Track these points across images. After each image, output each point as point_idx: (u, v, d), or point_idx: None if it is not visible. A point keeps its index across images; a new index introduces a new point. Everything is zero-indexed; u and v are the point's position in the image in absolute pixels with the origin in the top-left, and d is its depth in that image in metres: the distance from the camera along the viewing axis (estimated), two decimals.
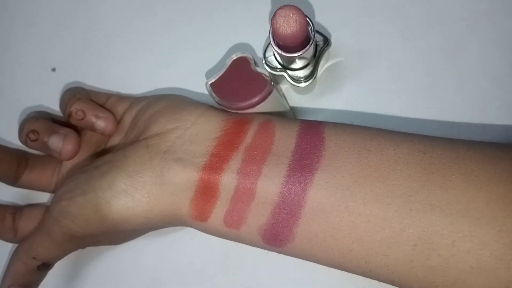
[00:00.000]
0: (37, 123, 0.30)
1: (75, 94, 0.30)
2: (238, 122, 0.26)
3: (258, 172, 0.24)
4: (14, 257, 0.27)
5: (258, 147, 0.25)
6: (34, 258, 0.27)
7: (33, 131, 0.29)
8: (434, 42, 0.31)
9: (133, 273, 0.33)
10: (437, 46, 0.31)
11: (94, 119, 0.29)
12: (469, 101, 0.30)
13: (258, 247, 0.25)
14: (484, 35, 0.31)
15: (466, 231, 0.20)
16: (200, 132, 0.26)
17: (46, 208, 0.30)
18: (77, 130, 0.31)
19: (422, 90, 0.31)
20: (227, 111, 0.27)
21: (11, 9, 0.37)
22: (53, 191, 0.32)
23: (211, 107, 0.28)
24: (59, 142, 0.29)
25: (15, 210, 0.31)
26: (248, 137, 0.25)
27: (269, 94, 0.26)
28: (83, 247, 0.29)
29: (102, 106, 0.31)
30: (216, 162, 0.24)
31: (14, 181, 0.31)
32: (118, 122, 0.31)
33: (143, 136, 0.27)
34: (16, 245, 0.28)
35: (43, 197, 0.34)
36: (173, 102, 0.28)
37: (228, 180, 0.24)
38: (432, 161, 0.22)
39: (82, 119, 0.29)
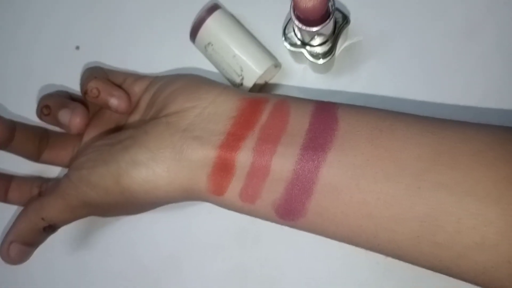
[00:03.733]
0: (50, 99, 0.31)
1: (92, 73, 0.32)
2: (255, 102, 0.27)
3: (273, 150, 0.25)
4: (22, 215, 0.28)
5: (273, 126, 0.26)
6: (43, 218, 0.27)
7: (46, 106, 0.31)
8: (453, 23, 0.32)
9: (151, 245, 0.35)
10: (456, 27, 0.32)
11: (108, 97, 0.31)
12: (487, 83, 0.31)
13: (271, 221, 0.27)
14: (503, 17, 0.31)
15: (472, 209, 0.22)
16: (218, 111, 0.27)
17: None
18: (88, 107, 0.32)
19: (439, 71, 0.32)
20: (243, 91, 0.29)
21: None
22: None
23: (228, 86, 0.29)
24: (67, 116, 0.30)
25: (41, 183, 0.33)
26: (264, 116, 0.26)
27: None
28: (96, 215, 0.30)
29: (120, 85, 0.33)
30: (232, 140, 0.26)
31: (36, 158, 0.33)
32: (136, 101, 0.32)
33: (162, 114, 0.28)
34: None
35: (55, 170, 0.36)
36: (190, 81, 0.30)
37: (244, 157, 0.25)
38: (442, 142, 0.23)
39: (97, 97, 0.31)
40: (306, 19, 0.26)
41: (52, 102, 0.31)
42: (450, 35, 0.32)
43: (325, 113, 0.26)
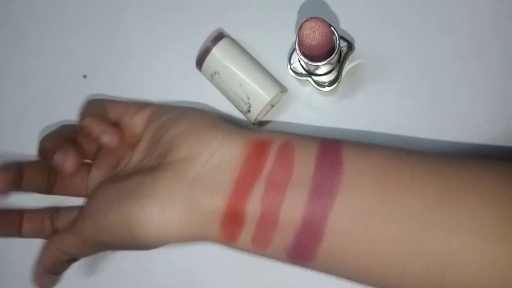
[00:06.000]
0: (46, 141, 0.31)
1: (88, 108, 0.32)
2: (259, 145, 0.28)
3: (281, 198, 0.26)
4: (45, 251, 0.31)
5: (279, 172, 0.26)
6: (65, 253, 0.30)
7: (43, 151, 0.31)
8: (456, 44, 0.32)
9: (167, 270, 0.36)
10: (459, 48, 0.32)
11: (100, 134, 0.31)
12: (492, 103, 0.32)
13: (284, 262, 0.28)
14: (507, 36, 0.31)
15: (478, 248, 0.23)
16: (225, 158, 0.28)
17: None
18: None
19: (443, 91, 0.32)
20: (247, 132, 0.29)
21: (41, 20, 0.39)
22: (84, 196, 0.35)
23: (232, 129, 0.29)
24: (60, 160, 0.30)
25: (52, 213, 0.34)
26: (269, 161, 0.27)
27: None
28: (114, 250, 0.33)
29: (121, 116, 0.33)
30: (241, 189, 0.26)
31: (48, 191, 0.34)
32: (140, 132, 0.32)
33: (168, 159, 0.28)
34: None
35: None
36: (195, 122, 0.30)
37: (253, 206, 0.26)
38: (447, 181, 0.24)
39: (91, 134, 0.31)
40: (312, 55, 0.27)
41: (48, 145, 0.31)
42: (453, 55, 0.32)
43: (330, 156, 0.26)
